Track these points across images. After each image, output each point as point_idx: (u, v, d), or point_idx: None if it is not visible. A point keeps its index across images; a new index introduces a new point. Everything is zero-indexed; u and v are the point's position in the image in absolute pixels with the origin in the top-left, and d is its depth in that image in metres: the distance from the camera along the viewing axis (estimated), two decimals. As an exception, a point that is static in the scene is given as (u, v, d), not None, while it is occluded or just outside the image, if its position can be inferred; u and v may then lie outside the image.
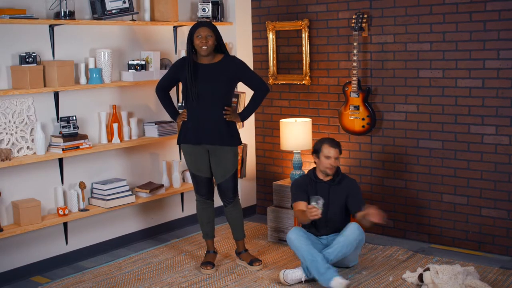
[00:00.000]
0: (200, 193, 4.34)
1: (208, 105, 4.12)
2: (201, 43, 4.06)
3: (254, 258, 4.40)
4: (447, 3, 4.50)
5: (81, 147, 4.43)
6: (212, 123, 4.13)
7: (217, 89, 4.12)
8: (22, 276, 4.33)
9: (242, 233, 4.42)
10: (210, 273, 4.29)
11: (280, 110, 5.53)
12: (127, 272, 4.37)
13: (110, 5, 4.54)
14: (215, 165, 4.23)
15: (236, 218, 4.37)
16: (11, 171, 4.24)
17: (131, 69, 4.85)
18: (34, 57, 4.18)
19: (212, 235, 4.43)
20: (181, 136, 4.25)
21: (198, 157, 4.23)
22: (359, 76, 4.85)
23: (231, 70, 4.17)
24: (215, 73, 4.13)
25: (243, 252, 4.44)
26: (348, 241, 4.03)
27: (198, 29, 4.08)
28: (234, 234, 4.43)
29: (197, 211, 4.41)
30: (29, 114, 4.32)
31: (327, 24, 5.14)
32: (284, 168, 5.56)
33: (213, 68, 4.14)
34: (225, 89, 4.17)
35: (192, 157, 4.24)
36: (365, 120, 4.86)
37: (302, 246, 3.99)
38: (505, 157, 4.39)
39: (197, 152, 4.22)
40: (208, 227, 4.40)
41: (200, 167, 4.25)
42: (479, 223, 4.55)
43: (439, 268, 3.81)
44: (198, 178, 4.29)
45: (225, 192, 4.28)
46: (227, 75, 4.15)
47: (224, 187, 4.26)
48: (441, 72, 4.59)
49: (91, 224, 4.76)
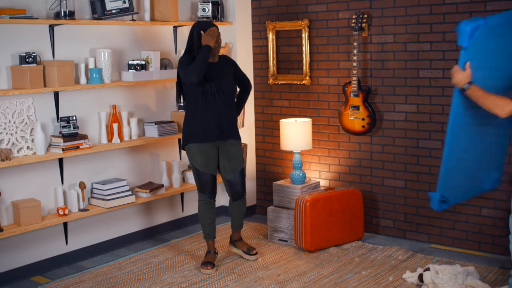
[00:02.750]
0: (205, 192, 4.34)
1: (224, 101, 4.26)
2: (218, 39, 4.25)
3: (250, 246, 4.55)
4: (447, 3, 4.50)
5: (81, 147, 4.43)
6: (229, 119, 4.31)
7: (231, 85, 4.33)
8: (22, 276, 4.33)
9: (241, 225, 4.58)
10: (210, 273, 4.29)
11: (280, 110, 5.53)
12: (127, 272, 4.37)
13: (110, 5, 4.54)
14: (226, 160, 4.33)
15: (241, 213, 4.52)
16: (11, 171, 4.24)
17: (131, 69, 4.85)
18: (34, 57, 4.18)
19: (213, 236, 4.44)
20: (192, 136, 4.24)
21: (209, 154, 4.27)
22: (359, 76, 4.85)
23: (231, 67, 4.40)
24: (222, 71, 4.30)
25: (239, 241, 4.57)
26: None
27: (212, 28, 4.19)
28: (233, 225, 4.56)
29: (200, 211, 4.41)
30: (29, 114, 4.32)
31: (327, 24, 5.14)
32: (284, 168, 5.56)
33: (219, 66, 4.31)
34: (234, 85, 4.39)
35: (203, 154, 4.26)
36: (365, 120, 4.86)
37: None
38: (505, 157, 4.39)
39: (208, 150, 4.27)
40: (210, 228, 4.41)
41: (210, 164, 4.29)
42: (479, 223, 4.55)
43: (439, 268, 3.81)
44: (205, 176, 4.30)
45: (235, 186, 4.39)
46: (230, 71, 4.37)
47: (235, 181, 4.38)
48: (441, 72, 4.59)
49: (91, 224, 4.76)
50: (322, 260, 4.49)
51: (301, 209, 4.61)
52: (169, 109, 5.30)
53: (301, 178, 4.91)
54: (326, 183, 5.28)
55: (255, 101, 5.68)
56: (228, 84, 4.29)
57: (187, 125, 4.28)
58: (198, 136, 4.23)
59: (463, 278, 3.76)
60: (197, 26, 4.25)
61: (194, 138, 4.24)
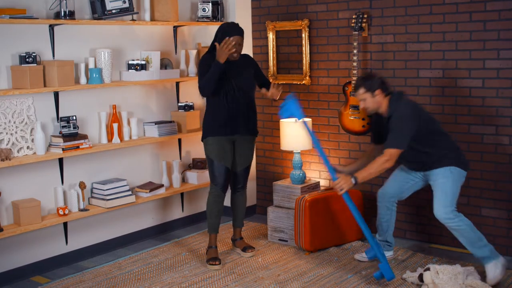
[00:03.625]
0: (217, 183, 4.44)
1: (243, 99, 4.39)
2: (235, 50, 4.25)
3: (247, 245, 4.66)
4: (447, 3, 4.50)
5: (81, 147, 4.43)
6: (247, 116, 4.43)
7: (251, 83, 4.45)
8: (22, 276, 4.33)
9: (242, 221, 4.72)
10: (218, 268, 4.36)
11: (280, 110, 5.52)
12: (127, 272, 4.37)
13: (110, 5, 4.54)
14: (238, 155, 4.49)
15: (241, 205, 4.66)
16: (11, 171, 4.24)
17: (131, 69, 4.84)
18: (34, 57, 4.18)
19: (217, 230, 4.53)
20: (212, 129, 4.39)
21: (225, 147, 4.41)
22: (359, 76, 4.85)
23: (251, 65, 4.51)
24: (243, 68, 4.42)
25: (238, 240, 4.71)
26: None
27: (235, 37, 4.25)
28: (234, 222, 4.71)
29: (209, 202, 4.49)
30: (29, 114, 4.32)
31: (327, 24, 5.14)
32: (284, 168, 5.56)
33: (239, 64, 4.39)
34: (254, 83, 4.51)
35: (219, 147, 4.39)
36: (365, 120, 4.85)
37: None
38: (505, 157, 4.39)
39: (225, 142, 4.41)
40: (216, 220, 4.50)
41: (226, 156, 4.41)
42: (479, 223, 4.54)
43: (439, 268, 3.81)
44: (220, 168, 4.40)
45: (239, 179, 4.56)
46: (251, 69, 4.48)
47: (241, 175, 4.55)
48: (441, 72, 4.60)
49: (91, 224, 4.75)
50: (322, 260, 4.49)
51: (301, 209, 4.61)
52: (169, 109, 5.30)
53: (301, 178, 4.91)
54: (326, 183, 5.28)
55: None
56: (248, 82, 4.42)
57: (208, 119, 4.45)
58: (217, 130, 4.38)
59: (463, 278, 3.76)
60: (222, 28, 4.32)
61: (213, 132, 4.39)
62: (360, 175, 3.95)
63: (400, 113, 3.94)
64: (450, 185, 3.97)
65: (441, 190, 3.97)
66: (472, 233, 3.93)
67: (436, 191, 4.00)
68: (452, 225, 3.93)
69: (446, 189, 3.96)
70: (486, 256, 3.95)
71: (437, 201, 3.97)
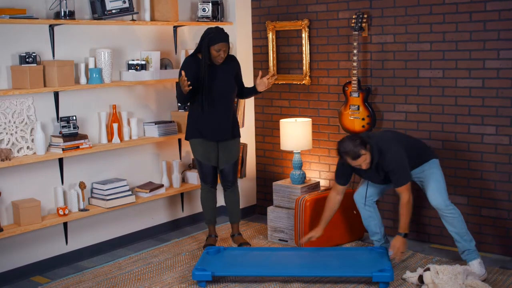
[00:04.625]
0: (206, 182, 4.61)
1: (223, 103, 4.43)
2: (219, 57, 4.33)
3: (244, 241, 4.72)
4: (447, 3, 4.50)
5: (81, 147, 4.43)
6: (227, 120, 4.47)
7: (231, 87, 4.48)
8: (22, 276, 4.33)
9: (237, 217, 4.78)
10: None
11: (280, 110, 5.53)
12: (127, 272, 4.37)
13: (110, 5, 4.54)
14: (223, 154, 4.56)
15: (234, 202, 4.72)
16: (11, 171, 4.24)
17: (131, 69, 4.85)
18: (34, 57, 4.18)
19: (214, 221, 4.75)
20: (195, 132, 4.47)
21: (209, 148, 4.52)
22: (359, 76, 4.85)
23: (234, 68, 4.54)
24: (224, 73, 4.43)
25: (236, 235, 4.78)
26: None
27: (219, 44, 4.28)
28: (230, 218, 4.78)
29: (202, 198, 4.70)
30: (29, 114, 4.32)
31: (327, 24, 5.14)
32: (284, 168, 5.56)
33: (222, 68, 4.41)
34: (235, 86, 4.53)
35: (203, 148, 4.52)
36: (365, 120, 4.86)
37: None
38: (505, 157, 4.39)
39: (208, 143, 4.51)
40: (211, 214, 4.71)
41: (210, 157, 4.53)
42: (479, 223, 4.55)
43: (439, 268, 3.81)
44: (206, 167, 4.55)
45: (226, 176, 4.62)
46: (232, 73, 4.51)
47: (227, 171, 4.60)
48: (441, 72, 4.60)
49: (91, 224, 4.76)
50: (322, 260, 4.48)
51: (301, 209, 4.61)
52: (169, 109, 5.30)
53: (301, 178, 4.91)
54: (326, 183, 5.27)
55: (255, 101, 5.68)
56: (228, 86, 4.45)
57: (190, 122, 4.52)
58: (199, 133, 4.47)
59: (463, 278, 3.76)
60: (207, 35, 4.31)
61: (196, 135, 4.48)
62: (402, 227, 4.05)
63: (390, 153, 4.01)
64: (440, 173, 4.16)
65: (433, 179, 4.12)
66: (463, 224, 4.09)
67: (429, 181, 4.13)
68: (448, 214, 4.06)
69: (438, 177, 4.13)
70: (472, 250, 4.07)
71: (433, 191, 4.10)
